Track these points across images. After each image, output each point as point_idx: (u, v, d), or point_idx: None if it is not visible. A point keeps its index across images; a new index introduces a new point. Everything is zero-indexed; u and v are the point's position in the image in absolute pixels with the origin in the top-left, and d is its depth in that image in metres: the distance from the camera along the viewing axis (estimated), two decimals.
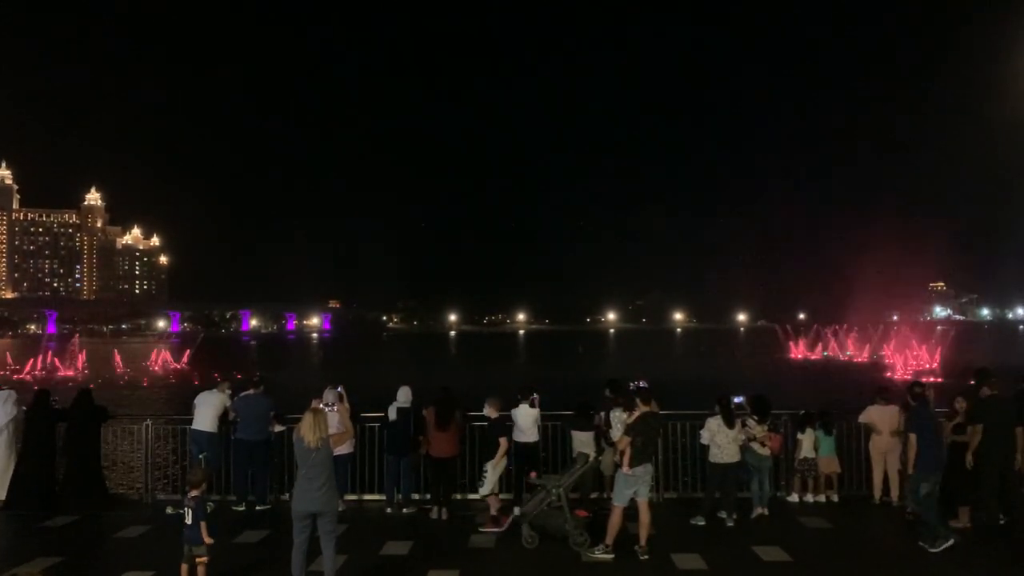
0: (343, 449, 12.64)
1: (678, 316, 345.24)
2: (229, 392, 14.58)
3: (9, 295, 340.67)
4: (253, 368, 57.72)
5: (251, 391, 14.17)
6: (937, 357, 61.65)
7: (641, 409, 10.98)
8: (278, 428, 13.91)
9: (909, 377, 50.88)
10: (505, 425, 12.82)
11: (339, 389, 11.96)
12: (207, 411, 14.07)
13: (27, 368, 65.90)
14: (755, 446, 12.82)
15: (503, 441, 12.50)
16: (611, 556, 10.65)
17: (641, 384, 12.26)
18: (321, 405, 11.72)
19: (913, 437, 11.34)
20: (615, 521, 10.78)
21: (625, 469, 10.71)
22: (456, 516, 12.94)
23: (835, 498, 13.75)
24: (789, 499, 13.84)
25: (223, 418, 14.14)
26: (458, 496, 13.88)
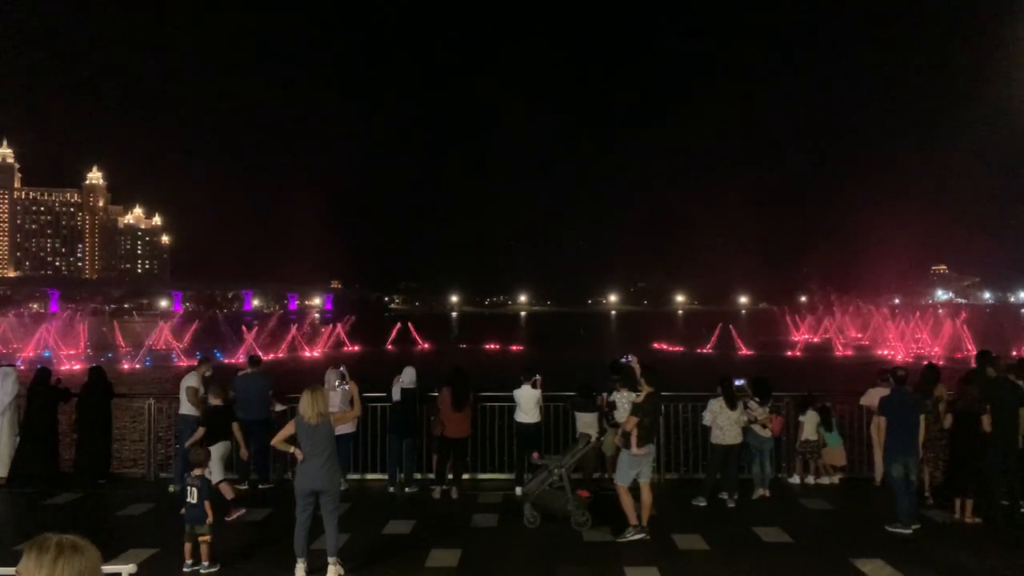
0: (345, 428, 12.65)
1: (680, 298, 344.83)
2: (209, 373, 14.28)
3: (11, 274, 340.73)
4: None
5: (248, 370, 14.15)
6: (944, 340, 61.63)
7: (646, 389, 10.96)
8: (279, 407, 13.93)
9: (911, 360, 50.98)
10: (220, 412, 12.17)
11: (341, 369, 11.97)
12: (185, 393, 14.02)
13: (31, 346, 66.06)
14: (757, 428, 12.86)
15: (201, 430, 11.91)
16: (644, 535, 10.56)
17: (630, 359, 12.21)
18: (336, 384, 11.73)
19: (883, 420, 11.36)
20: (627, 501, 10.72)
21: (635, 450, 10.67)
22: (461, 495, 13.02)
23: (835, 480, 13.77)
24: (791, 480, 13.87)
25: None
26: (466, 476, 13.93)
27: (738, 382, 13.26)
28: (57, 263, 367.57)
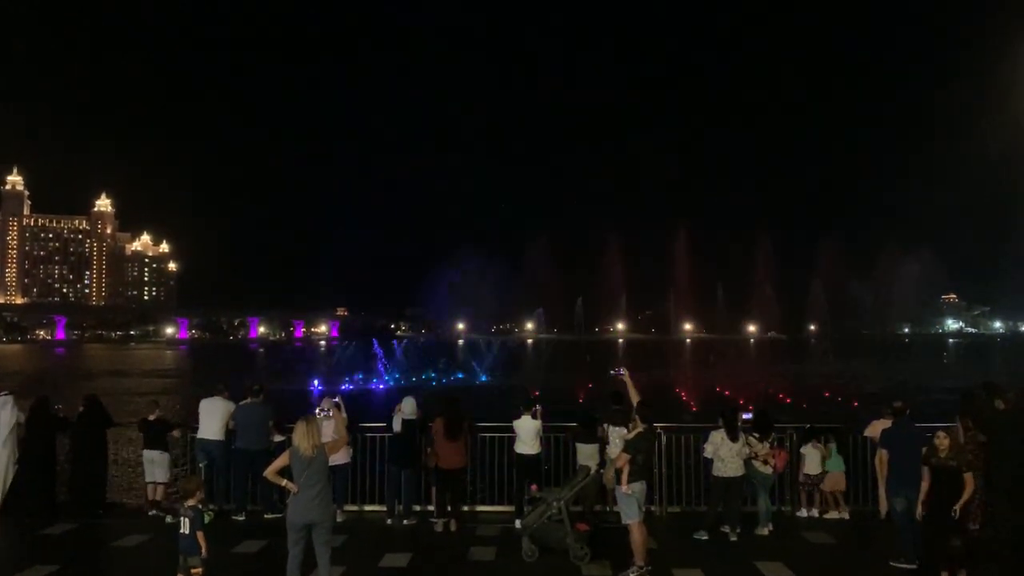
0: (340, 459, 12.54)
1: (687, 327, 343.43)
2: (226, 394, 14.46)
3: (19, 301, 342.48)
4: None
5: (249, 400, 14.07)
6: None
7: (639, 426, 10.79)
8: (278, 438, 13.82)
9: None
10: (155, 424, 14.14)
11: (336, 400, 11.87)
12: (214, 419, 13.98)
13: None
14: (756, 464, 12.62)
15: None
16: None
17: (621, 372, 12.06)
18: (319, 412, 11.64)
19: (884, 453, 11.17)
20: (638, 539, 10.47)
21: (624, 488, 10.51)
22: (459, 528, 12.86)
23: (845, 515, 13.53)
24: (798, 514, 13.65)
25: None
26: (464, 508, 13.77)
27: (745, 416, 13.09)
28: (64, 290, 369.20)
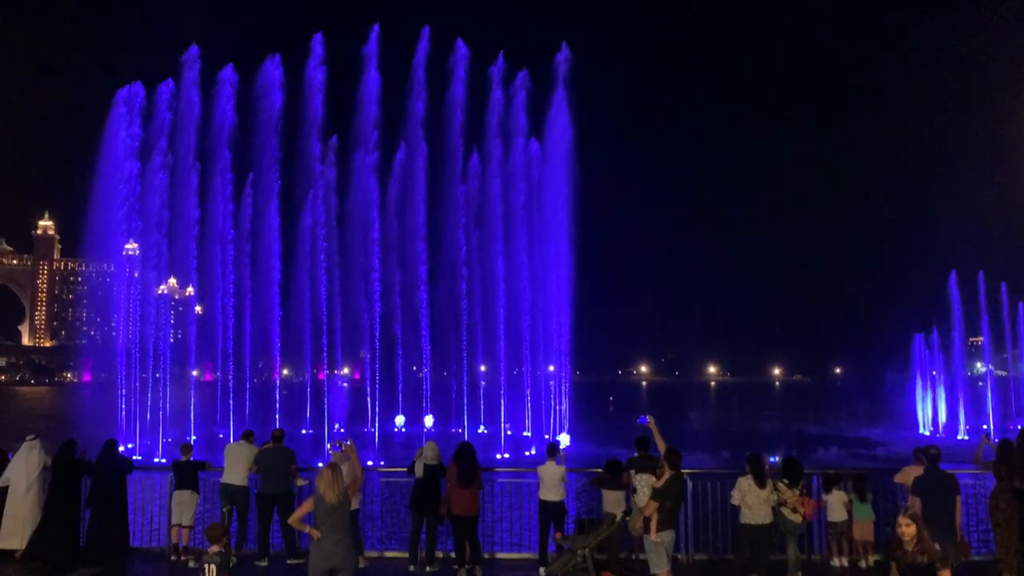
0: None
1: (711, 369, 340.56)
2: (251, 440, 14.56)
3: (47, 343, 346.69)
4: None
5: (271, 444, 14.08)
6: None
7: (668, 473, 10.64)
8: (300, 482, 13.80)
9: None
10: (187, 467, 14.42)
11: (347, 442, 11.80)
12: (239, 464, 14.01)
13: None
14: (785, 511, 12.35)
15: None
16: None
17: (646, 419, 11.94)
18: (328, 446, 11.62)
19: (917, 501, 10.90)
20: None
21: (653, 536, 10.33)
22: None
23: (870, 561, 13.20)
24: (831, 563, 13.33)
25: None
26: (485, 555, 13.58)
27: (771, 459, 12.87)
28: (92, 333, 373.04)
